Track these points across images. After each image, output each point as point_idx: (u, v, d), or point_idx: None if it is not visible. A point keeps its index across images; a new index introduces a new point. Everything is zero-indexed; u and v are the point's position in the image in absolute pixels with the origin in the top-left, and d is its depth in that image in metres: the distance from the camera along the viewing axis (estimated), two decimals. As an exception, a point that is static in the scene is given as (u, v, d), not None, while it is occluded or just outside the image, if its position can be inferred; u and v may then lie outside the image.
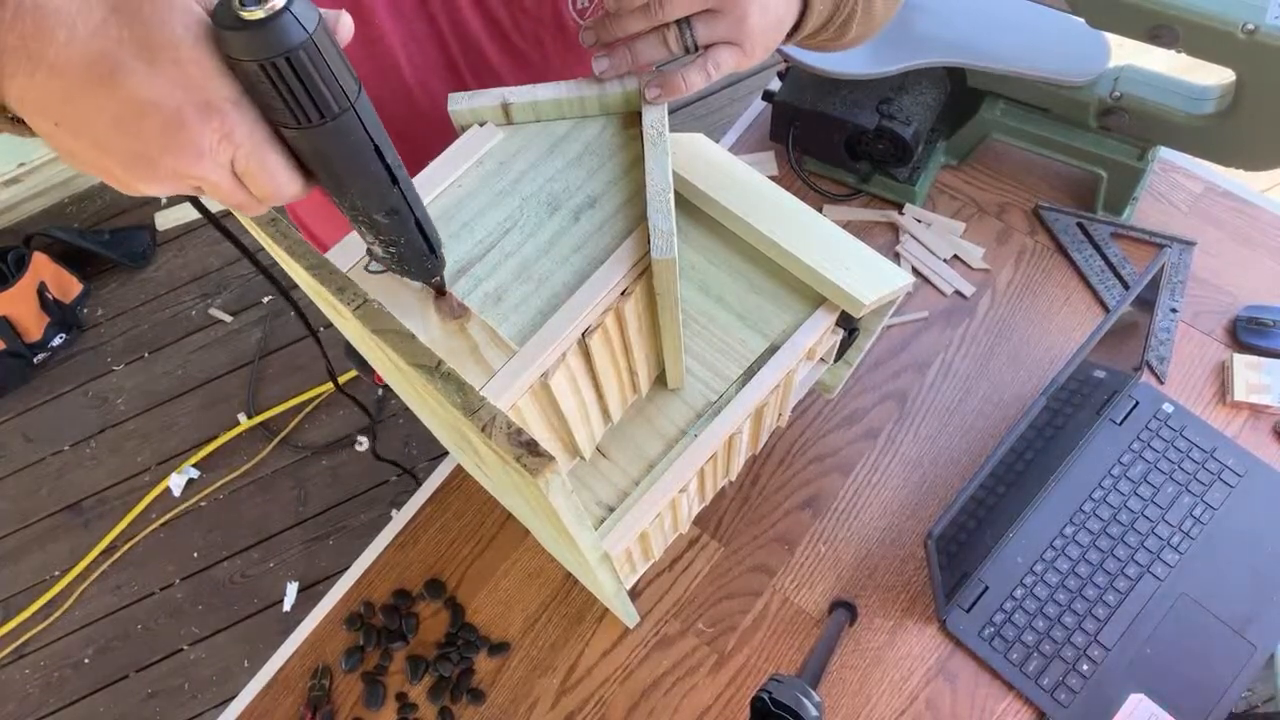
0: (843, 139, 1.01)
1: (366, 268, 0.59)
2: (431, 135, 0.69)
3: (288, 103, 0.39)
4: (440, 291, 0.58)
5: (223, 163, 0.41)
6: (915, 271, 1.04)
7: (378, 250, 0.52)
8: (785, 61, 1.03)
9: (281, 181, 0.43)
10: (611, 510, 0.69)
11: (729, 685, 0.87)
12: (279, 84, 0.39)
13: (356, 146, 0.43)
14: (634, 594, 0.91)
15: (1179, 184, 1.06)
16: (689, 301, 0.70)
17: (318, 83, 0.39)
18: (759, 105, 1.16)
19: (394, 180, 0.46)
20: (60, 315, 2.09)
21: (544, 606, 0.93)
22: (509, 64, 0.75)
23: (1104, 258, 1.01)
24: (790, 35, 0.63)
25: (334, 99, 0.40)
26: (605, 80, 0.63)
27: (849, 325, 0.75)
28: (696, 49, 0.59)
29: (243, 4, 0.37)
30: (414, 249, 0.52)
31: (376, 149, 0.44)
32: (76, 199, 2.35)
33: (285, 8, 0.37)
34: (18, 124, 0.42)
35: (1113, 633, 0.85)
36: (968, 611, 0.87)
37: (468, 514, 0.98)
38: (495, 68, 0.75)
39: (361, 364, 0.85)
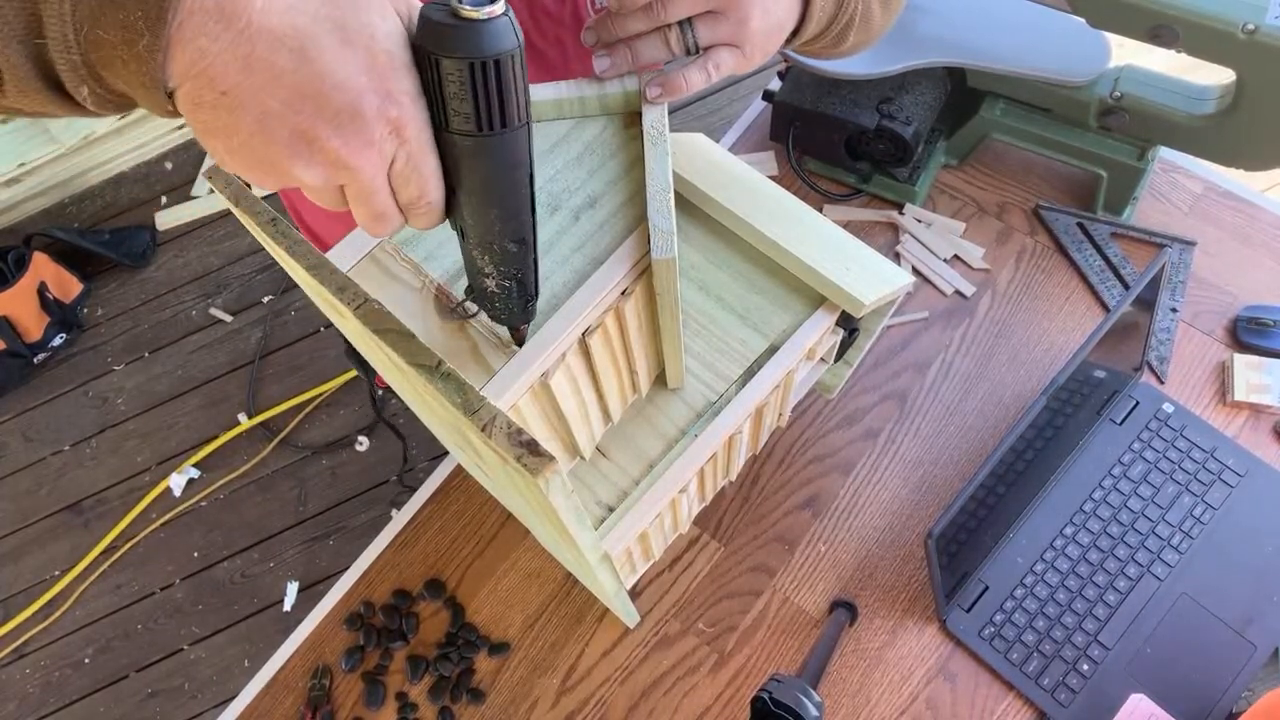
0: (843, 139, 1.01)
1: (453, 309, 0.58)
2: None
3: (479, 107, 0.39)
4: (519, 343, 0.57)
5: (385, 156, 0.41)
6: (915, 271, 1.04)
7: (490, 285, 0.51)
8: (785, 61, 1.03)
9: (432, 188, 0.43)
10: (611, 510, 0.69)
11: (729, 685, 0.87)
12: (480, 86, 0.39)
13: (518, 165, 0.44)
14: (634, 594, 0.91)
15: (1179, 184, 1.06)
16: (689, 301, 0.70)
17: (513, 91, 0.40)
18: (759, 105, 1.16)
19: (532, 208, 0.47)
20: (60, 315, 2.09)
21: (544, 606, 0.93)
22: (530, 64, 0.75)
23: (1104, 258, 1.01)
24: (790, 40, 0.63)
25: (519, 111, 0.41)
26: (606, 80, 0.63)
27: (849, 325, 0.75)
28: (697, 50, 0.60)
29: (461, 2, 0.37)
30: (524, 287, 0.51)
31: (530, 173, 0.45)
32: (76, 199, 2.35)
33: (504, 13, 0.38)
34: (169, 99, 0.39)
35: (1113, 632, 0.85)
36: (968, 611, 0.87)
37: (468, 514, 0.98)
38: None
39: (361, 364, 0.85)
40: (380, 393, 1.95)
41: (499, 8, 0.37)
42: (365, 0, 0.38)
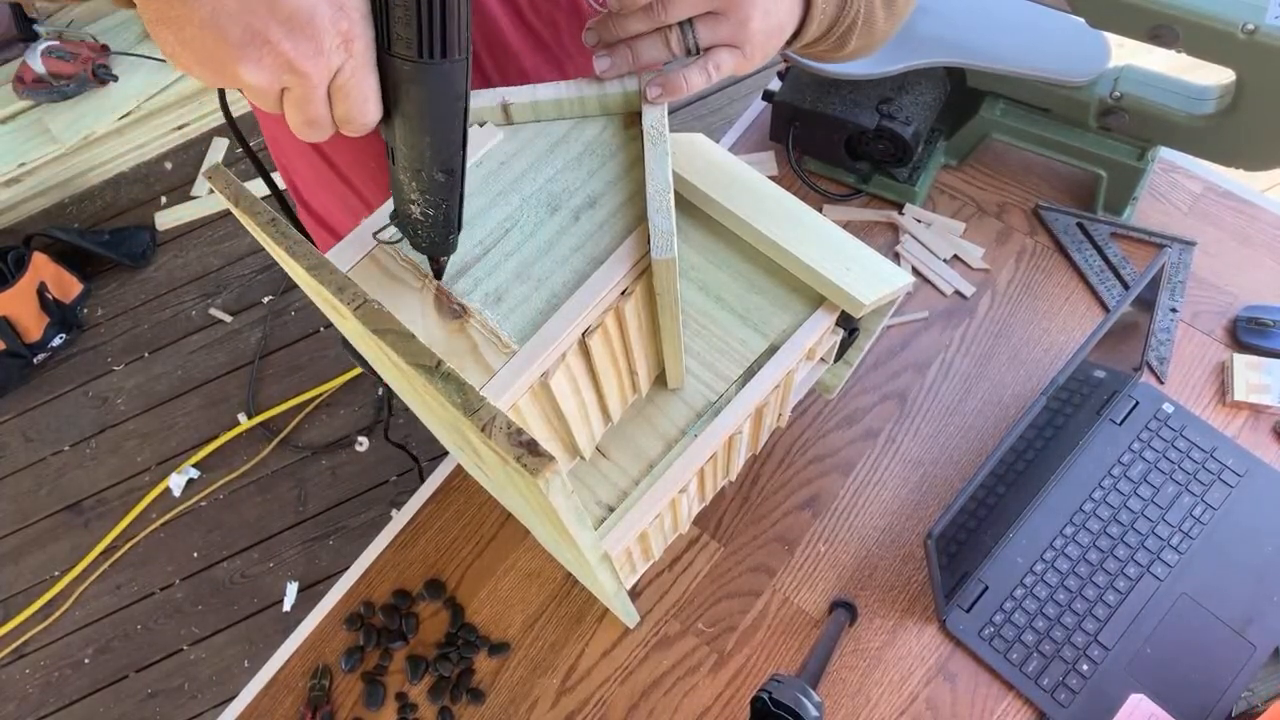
0: (843, 139, 1.01)
1: (377, 234, 0.59)
2: None
3: (421, 32, 0.41)
4: (438, 275, 0.58)
5: (332, 66, 0.42)
6: (915, 271, 1.04)
7: (414, 211, 0.52)
8: (785, 61, 1.03)
9: (370, 107, 0.44)
10: (611, 510, 0.69)
11: (729, 685, 0.87)
12: (424, 12, 0.40)
13: (455, 96, 0.45)
14: (634, 594, 0.91)
15: (1179, 184, 1.06)
16: (689, 301, 0.70)
17: (456, 21, 0.41)
18: (759, 105, 1.16)
19: (464, 143, 0.48)
20: (60, 315, 2.09)
21: (544, 606, 0.93)
22: (525, 44, 0.76)
23: (1104, 258, 1.01)
24: (790, 42, 0.63)
25: (460, 43, 0.42)
26: (606, 80, 0.63)
27: (849, 325, 0.75)
28: (698, 51, 0.60)
29: None
30: (448, 218, 0.53)
31: (465, 107, 0.46)
32: (76, 199, 2.35)
33: None
34: None
35: (1113, 633, 0.85)
36: (968, 611, 0.87)
37: (468, 514, 0.98)
38: (510, 45, 0.75)
39: (360, 358, 0.86)
40: (381, 390, 1.95)
41: None
42: None
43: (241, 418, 2.02)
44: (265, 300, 2.16)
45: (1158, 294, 0.87)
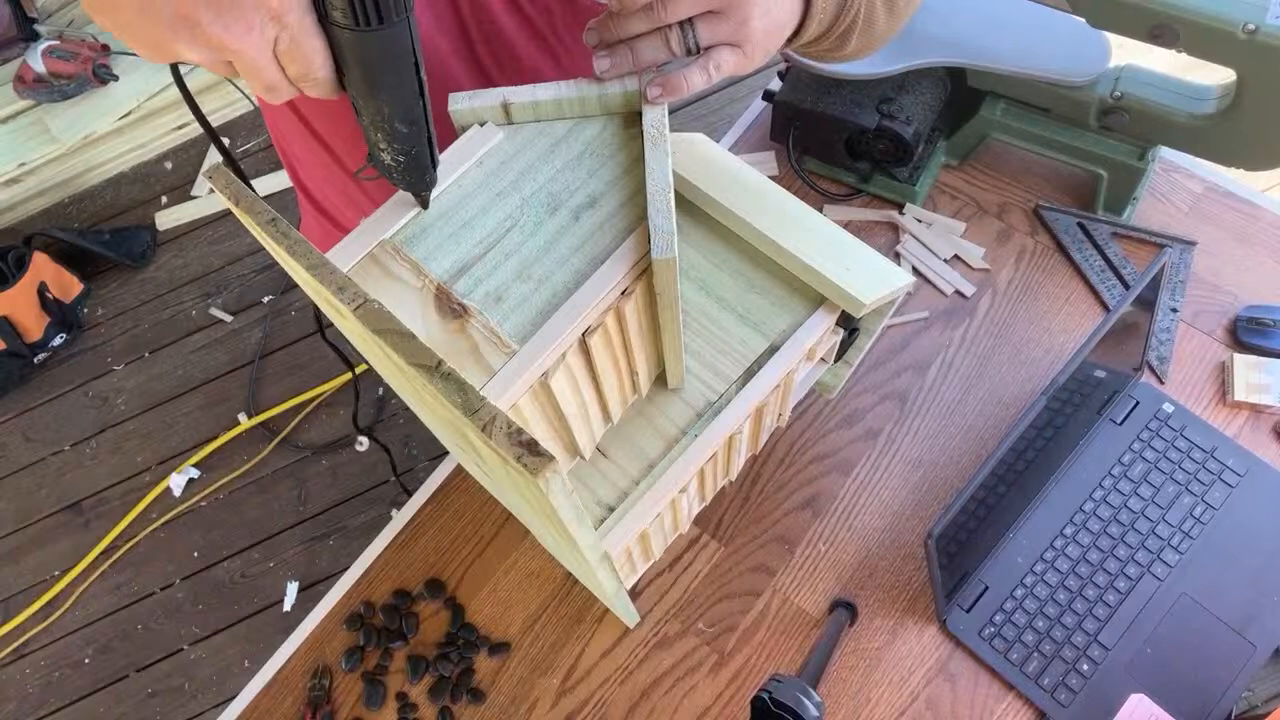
0: (843, 139, 1.01)
1: (357, 174, 0.60)
2: (435, 94, 0.70)
3: (352, 3, 0.41)
4: (425, 205, 0.60)
5: (268, 38, 0.42)
6: (915, 271, 1.04)
7: (385, 158, 0.54)
8: (786, 61, 1.03)
9: (318, 64, 0.45)
10: (611, 510, 0.69)
11: (729, 685, 0.87)
12: None
13: (401, 56, 0.45)
14: (634, 594, 0.91)
15: (1179, 184, 1.06)
16: (689, 301, 0.70)
17: None
18: (759, 105, 1.16)
19: (421, 93, 0.49)
20: (60, 315, 2.10)
21: (544, 606, 0.93)
22: (521, 34, 0.76)
23: (1104, 258, 1.01)
24: (790, 41, 0.63)
25: (395, 7, 0.42)
26: (606, 80, 0.63)
27: (849, 325, 0.75)
28: (698, 51, 0.60)
29: None
30: (420, 161, 0.54)
31: (416, 62, 0.46)
32: (76, 199, 2.35)
33: None
34: None
35: (1113, 633, 0.85)
36: (968, 611, 0.87)
37: (468, 514, 0.98)
38: (504, 30, 0.75)
39: (360, 357, 0.86)
40: (380, 390, 1.95)
41: None
42: None
43: (241, 418, 2.02)
44: (265, 300, 2.16)
45: (1158, 294, 0.87)
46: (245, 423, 2.00)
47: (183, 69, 0.51)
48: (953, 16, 0.97)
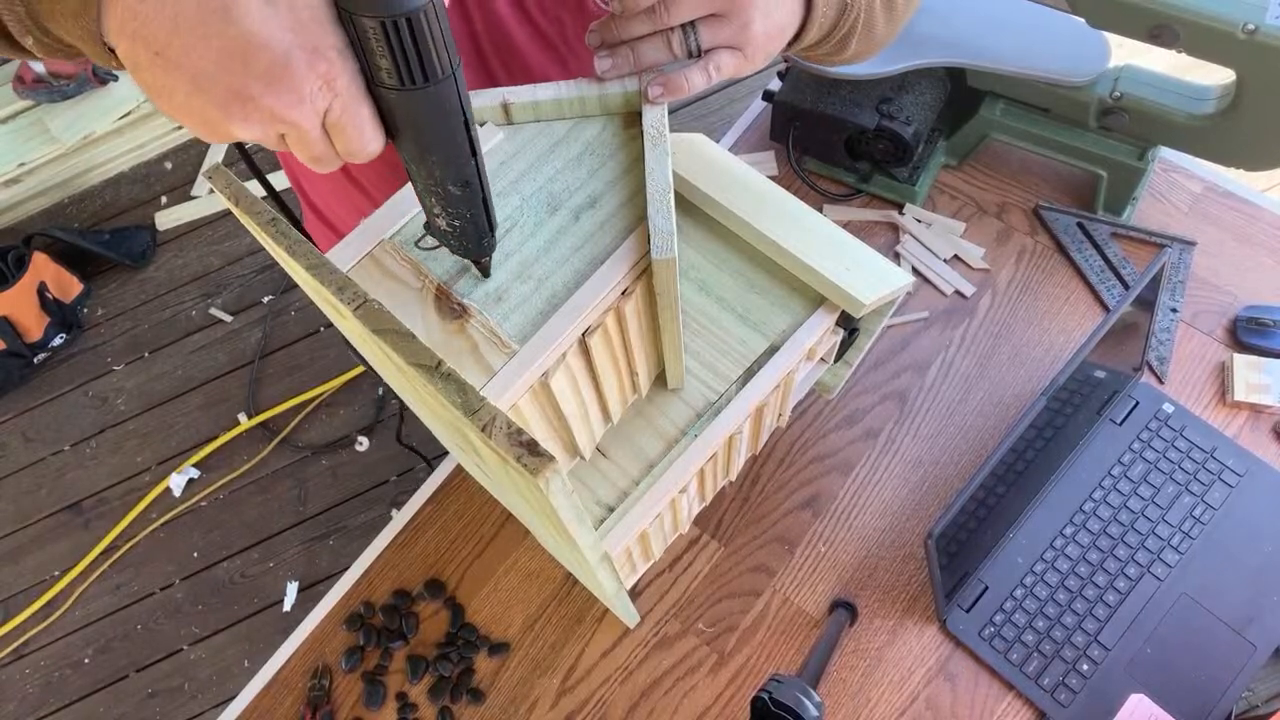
0: (843, 139, 1.01)
1: (418, 243, 0.60)
2: None
3: (397, 63, 0.40)
4: (485, 272, 0.58)
5: (319, 110, 0.42)
6: (915, 271, 1.04)
7: (440, 223, 0.53)
8: (786, 61, 1.03)
9: (368, 137, 0.44)
10: (611, 510, 0.69)
11: (729, 685, 0.87)
12: (394, 43, 0.40)
13: (449, 115, 0.45)
14: (634, 594, 0.91)
15: (1179, 184, 1.06)
16: (689, 301, 0.70)
17: (430, 47, 0.40)
18: (759, 105, 1.16)
19: (474, 152, 0.48)
20: (60, 315, 2.10)
21: (544, 606, 0.93)
22: (532, 43, 0.76)
23: (1104, 258, 1.01)
24: (791, 44, 0.63)
25: (440, 65, 0.41)
26: (606, 80, 0.63)
27: (849, 325, 0.75)
28: (699, 53, 0.60)
29: None
30: (476, 225, 0.53)
31: (466, 120, 0.45)
32: (76, 199, 2.35)
33: None
34: (111, 54, 0.42)
35: (1113, 633, 0.85)
36: (968, 611, 0.87)
37: (468, 514, 0.98)
38: (516, 41, 0.75)
39: (360, 356, 0.86)
40: (381, 390, 1.95)
41: None
42: None
43: (241, 418, 2.02)
44: (265, 300, 2.16)
45: (1158, 294, 0.87)
46: (245, 423, 2.00)
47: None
48: (952, 16, 0.97)
